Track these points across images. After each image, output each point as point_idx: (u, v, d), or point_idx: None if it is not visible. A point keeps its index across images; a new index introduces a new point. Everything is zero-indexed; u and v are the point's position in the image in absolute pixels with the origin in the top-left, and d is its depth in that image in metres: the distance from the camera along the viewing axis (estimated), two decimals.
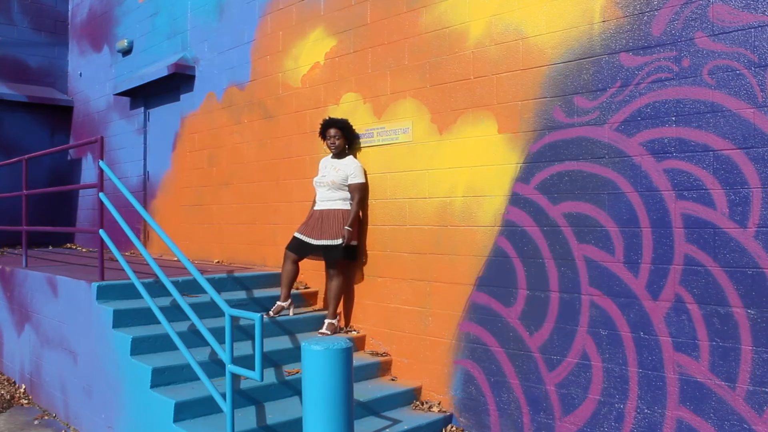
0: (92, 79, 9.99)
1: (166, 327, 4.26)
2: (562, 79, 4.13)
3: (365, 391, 4.68)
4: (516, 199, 4.37)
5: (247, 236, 6.78)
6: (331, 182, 5.22)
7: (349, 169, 5.26)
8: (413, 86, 5.07)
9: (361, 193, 5.26)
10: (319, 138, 5.46)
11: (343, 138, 5.32)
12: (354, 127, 5.44)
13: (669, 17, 3.67)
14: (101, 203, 5.09)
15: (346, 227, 5.12)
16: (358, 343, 5.36)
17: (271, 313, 5.23)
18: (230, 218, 7.01)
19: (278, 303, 5.28)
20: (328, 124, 5.35)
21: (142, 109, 8.72)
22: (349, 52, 5.63)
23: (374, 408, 4.55)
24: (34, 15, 10.32)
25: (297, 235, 5.28)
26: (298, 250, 5.26)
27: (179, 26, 7.91)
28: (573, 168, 4.07)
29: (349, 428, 3.44)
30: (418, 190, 5.01)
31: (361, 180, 5.29)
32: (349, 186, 5.24)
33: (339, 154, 5.35)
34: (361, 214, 5.42)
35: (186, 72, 7.53)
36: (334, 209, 5.21)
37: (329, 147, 5.36)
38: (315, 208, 5.36)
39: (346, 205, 5.24)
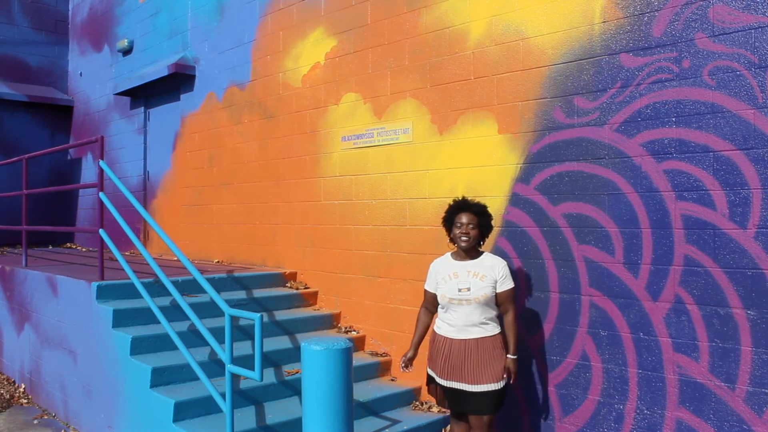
0: (92, 79, 9.99)
1: (165, 327, 4.26)
2: (563, 79, 4.13)
3: (365, 391, 4.68)
4: (516, 200, 4.37)
5: (247, 236, 6.78)
6: (483, 296, 3.64)
7: (497, 270, 3.73)
8: (413, 86, 5.07)
9: (514, 302, 3.79)
10: (444, 226, 3.92)
11: (479, 228, 3.77)
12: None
13: (669, 18, 3.67)
14: (101, 203, 5.09)
15: (510, 355, 3.71)
16: (358, 343, 5.35)
17: None
18: (230, 218, 7.01)
19: None
20: (461, 206, 3.79)
21: (142, 108, 8.72)
22: (349, 52, 5.63)
23: (374, 408, 4.55)
24: (34, 14, 10.32)
25: (438, 380, 3.78)
26: (456, 402, 3.76)
27: (179, 26, 7.91)
28: (573, 168, 4.07)
29: (349, 428, 3.44)
30: (418, 190, 5.00)
31: (513, 284, 3.79)
32: (498, 296, 3.72)
33: (470, 252, 3.79)
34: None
35: (186, 72, 7.53)
36: (490, 336, 3.70)
37: (459, 240, 3.74)
38: (449, 335, 3.72)
39: (497, 328, 3.75)
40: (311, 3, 6.05)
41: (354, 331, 5.49)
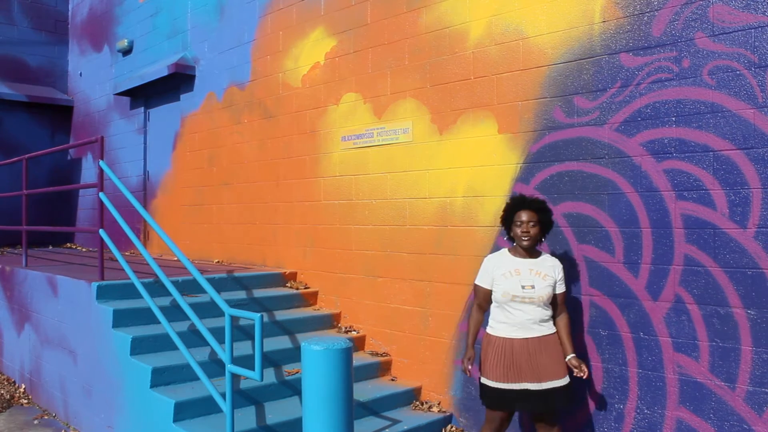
0: (92, 79, 9.99)
1: (165, 327, 4.26)
2: (563, 79, 4.13)
3: (365, 391, 4.68)
4: None
5: (247, 236, 6.78)
6: (546, 296, 3.62)
7: (557, 271, 3.72)
8: (413, 86, 5.07)
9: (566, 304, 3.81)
10: (503, 225, 3.79)
11: (539, 225, 3.66)
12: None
13: (669, 17, 3.67)
14: (101, 203, 5.09)
15: (572, 353, 3.65)
16: (358, 343, 5.35)
17: None
18: (230, 218, 7.01)
19: None
20: (520, 204, 3.67)
21: (142, 108, 8.72)
22: (349, 52, 5.63)
23: (374, 408, 4.55)
24: (34, 15, 10.32)
25: (499, 385, 3.61)
26: (513, 403, 3.63)
27: (179, 26, 7.91)
28: (573, 168, 4.07)
29: (349, 428, 3.44)
30: (419, 190, 5.01)
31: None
32: (556, 297, 3.72)
33: (530, 250, 3.71)
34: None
35: (186, 72, 7.53)
36: (552, 333, 3.68)
37: (520, 240, 3.64)
38: (509, 335, 3.63)
39: (554, 327, 3.73)
40: (311, 3, 6.05)
41: (354, 331, 5.49)
